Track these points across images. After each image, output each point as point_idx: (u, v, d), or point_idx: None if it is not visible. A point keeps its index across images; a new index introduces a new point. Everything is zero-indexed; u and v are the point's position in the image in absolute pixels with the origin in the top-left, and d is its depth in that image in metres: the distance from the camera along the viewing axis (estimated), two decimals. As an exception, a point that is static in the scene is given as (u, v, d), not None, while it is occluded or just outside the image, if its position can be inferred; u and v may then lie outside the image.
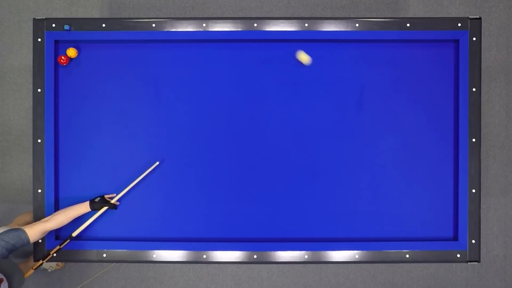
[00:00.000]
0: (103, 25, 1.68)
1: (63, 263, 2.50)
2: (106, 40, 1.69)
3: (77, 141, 1.71)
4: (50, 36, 1.68)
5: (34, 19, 1.69)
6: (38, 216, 1.68)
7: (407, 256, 1.67)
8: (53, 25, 1.68)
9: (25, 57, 2.55)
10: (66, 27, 1.66)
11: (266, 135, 1.71)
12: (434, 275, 2.58)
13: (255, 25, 1.68)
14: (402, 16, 2.57)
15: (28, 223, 2.12)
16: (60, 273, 2.55)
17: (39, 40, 1.68)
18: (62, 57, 1.67)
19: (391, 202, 1.71)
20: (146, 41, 1.69)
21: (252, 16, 2.55)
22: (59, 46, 1.70)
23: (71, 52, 1.67)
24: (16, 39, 2.56)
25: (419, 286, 2.58)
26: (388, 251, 1.67)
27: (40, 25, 1.68)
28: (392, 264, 2.56)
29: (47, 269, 2.49)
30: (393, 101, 1.71)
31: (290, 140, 1.71)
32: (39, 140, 1.68)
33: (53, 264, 2.48)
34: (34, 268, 1.65)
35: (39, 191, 1.68)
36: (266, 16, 2.55)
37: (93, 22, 1.69)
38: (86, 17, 2.55)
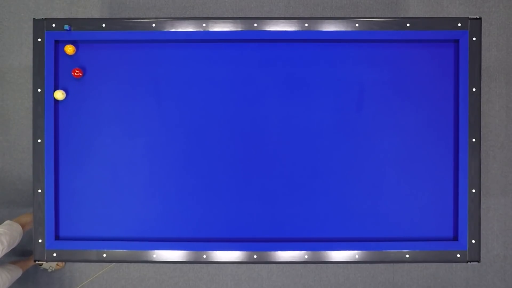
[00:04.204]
0: (103, 25, 1.68)
1: (63, 263, 2.50)
2: (106, 40, 1.69)
3: (77, 141, 1.71)
4: (50, 36, 1.68)
5: (34, 19, 1.69)
6: (38, 216, 1.68)
7: (407, 256, 1.67)
8: (53, 25, 1.68)
9: (25, 57, 2.55)
10: (66, 27, 1.66)
11: (266, 135, 1.71)
12: (434, 275, 2.58)
13: (255, 25, 1.68)
14: (402, 16, 2.57)
15: (28, 223, 2.13)
16: (60, 273, 2.56)
17: (39, 40, 1.68)
18: (76, 70, 1.67)
19: (391, 202, 1.71)
20: (146, 41, 1.69)
21: (252, 16, 2.55)
22: (59, 46, 1.70)
23: (69, 49, 1.67)
24: (16, 39, 2.56)
25: (419, 286, 2.58)
26: (388, 251, 1.67)
27: (40, 25, 1.68)
28: (392, 264, 2.56)
29: (47, 269, 2.49)
30: (393, 101, 1.71)
31: (290, 140, 1.71)
32: (39, 140, 1.68)
33: (53, 264, 2.48)
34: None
35: (39, 191, 1.68)
36: (266, 16, 2.55)
37: (93, 22, 1.69)
38: (86, 17, 2.55)
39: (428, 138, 1.71)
